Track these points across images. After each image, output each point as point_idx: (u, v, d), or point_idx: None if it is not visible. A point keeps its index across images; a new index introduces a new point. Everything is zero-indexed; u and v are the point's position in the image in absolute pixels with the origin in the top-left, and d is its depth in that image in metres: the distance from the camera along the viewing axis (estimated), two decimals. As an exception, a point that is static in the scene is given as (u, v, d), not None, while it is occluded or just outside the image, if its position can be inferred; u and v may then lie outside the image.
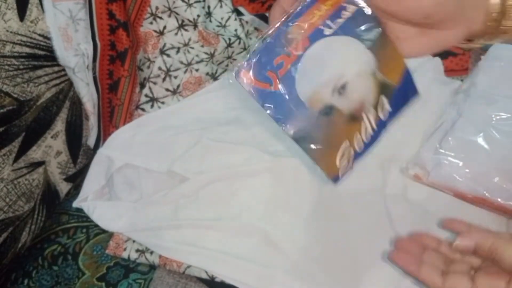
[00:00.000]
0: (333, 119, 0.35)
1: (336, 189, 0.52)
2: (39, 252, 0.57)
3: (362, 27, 0.34)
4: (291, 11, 0.32)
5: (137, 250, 0.54)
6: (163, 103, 0.62)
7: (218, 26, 0.67)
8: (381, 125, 0.40)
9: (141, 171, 0.58)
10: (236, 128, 0.60)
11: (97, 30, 0.58)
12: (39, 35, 0.54)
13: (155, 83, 0.63)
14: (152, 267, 0.55)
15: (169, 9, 0.63)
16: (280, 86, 0.33)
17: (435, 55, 0.64)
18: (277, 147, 0.58)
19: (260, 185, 0.55)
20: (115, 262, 0.56)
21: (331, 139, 0.36)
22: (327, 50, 0.34)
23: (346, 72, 0.35)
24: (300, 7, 0.32)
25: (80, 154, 0.66)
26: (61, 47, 0.56)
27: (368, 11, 0.33)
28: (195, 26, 0.64)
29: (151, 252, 0.53)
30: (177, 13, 0.63)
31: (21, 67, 0.52)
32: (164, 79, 0.63)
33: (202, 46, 0.64)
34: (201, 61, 0.64)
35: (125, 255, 0.54)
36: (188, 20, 0.63)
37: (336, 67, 0.35)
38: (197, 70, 0.64)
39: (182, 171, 0.56)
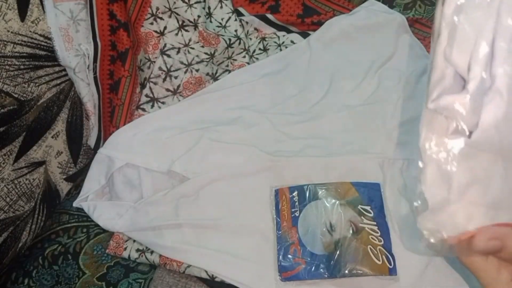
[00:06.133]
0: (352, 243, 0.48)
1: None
2: (39, 252, 0.57)
3: None
4: None
5: (138, 250, 0.54)
6: (163, 103, 0.63)
7: (218, 26, 0.67)
8: (380, 223, 0.49)
9: (141, 171, 0.58)
10: (236, 128, 0.60)
11: (98, 31, 0.58)
12: (40, 35, 0.54)
13: (155, 83, 0.63)
14: (152, 267, 0.55)
15: (170, 9, 0.63)
16: None
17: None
18: (277, 147, 0.58)
19: (260, 185, 0.55)
20: (115, 261, 0.56)
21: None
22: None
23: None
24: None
25: (80, 154, 0.66)
26: (62, 47, 0.57)
27: None
28: (195, 26, 0.64)
29: (151, 252, 0.53)
30: (177, 14, 0.63)
31: (22, 67, 0.52)
32: (164, 79, 0.63)
33: (202, 46, 0.65)
34: (201, 61, 0.64)
35: (125, 254, 0.54)
36: (189, 20, 0.63)
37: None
38: (197, 70, 0.64)
39: (182, 171, 0.57)
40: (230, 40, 0.65)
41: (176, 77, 0.63)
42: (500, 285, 0.31)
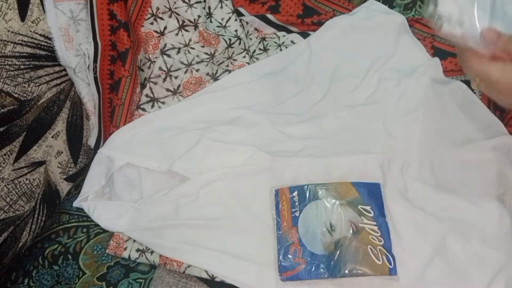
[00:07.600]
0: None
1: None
2: (39, 252, 0.57)
3: None
4: None
5: (138, 250, 0.54)
6: (163, 103, 0.63)
7: (218, 26, 0.67)
8: (380, 223, 0.49)
9: (141, 171, 0.58)
10: (236, 128, 0.60)
11: (98, 30, 0.58)
12: (40, 35, 0.54)
13: (155, 83, 0.63)
14: (153, 267, 0.55)
15: (170, 9, 0.63)
16: None
17: (434, 55, 0.65)
18: (277, 147, 0.58)
19: (260, 185, 0.55)
20: (115, 261, 0.56)
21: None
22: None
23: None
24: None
25: (80, 154, 0.66)
26: (62, 47, 0.57)
27: None
28: (195, 26, 0.64)
29: (152, 252, 0.53)
30: (177, 14, 0.63)
31: (22, 67, 0.52)
32: (164, 79, 0.63)
33: (203, 46, 0.65)
34: (202, 61, 0.64)
35: (125, 254, 0.54)
36: (189, 20, 0.63)
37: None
38: (197, 70, 0.64)
39: (182, 171, 0.57)
40: (230, 40, 0.65)
41: (176, 77, 0.63)
42: None
